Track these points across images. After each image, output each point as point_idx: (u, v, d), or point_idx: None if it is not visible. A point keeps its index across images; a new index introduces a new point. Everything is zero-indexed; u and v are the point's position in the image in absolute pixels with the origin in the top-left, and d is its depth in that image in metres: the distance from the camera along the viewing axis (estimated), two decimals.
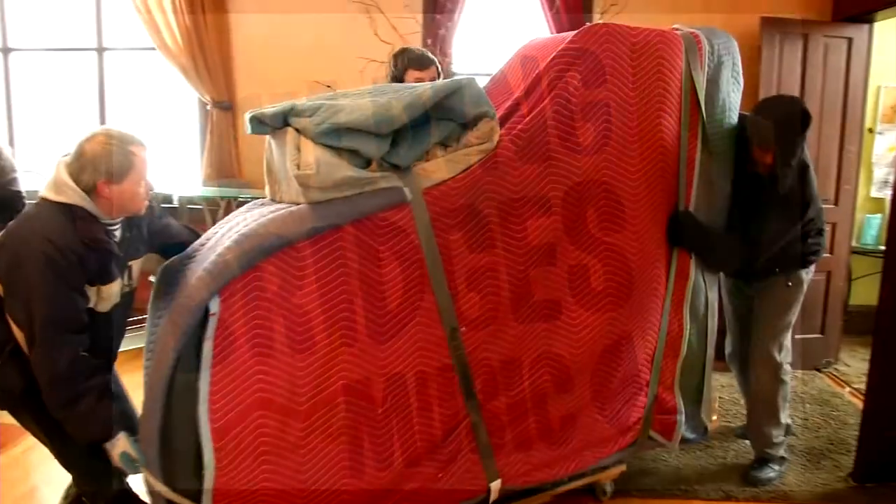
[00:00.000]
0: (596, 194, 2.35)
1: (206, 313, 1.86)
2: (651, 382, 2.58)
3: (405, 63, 2.91)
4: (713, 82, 2.50)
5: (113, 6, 4.50)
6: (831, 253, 4.17)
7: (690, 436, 2.73)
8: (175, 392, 1.87)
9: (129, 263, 2.09)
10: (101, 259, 1.93)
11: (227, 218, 2.21)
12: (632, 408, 2.57)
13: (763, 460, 2.92)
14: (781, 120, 2.53)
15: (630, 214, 2.40)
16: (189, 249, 2.13)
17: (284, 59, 4.33)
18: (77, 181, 1.90)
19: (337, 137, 1.97)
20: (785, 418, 2.94)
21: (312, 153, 1.96)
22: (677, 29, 2.49)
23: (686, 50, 2.42)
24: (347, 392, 2.00)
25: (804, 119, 2.58)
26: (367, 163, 2.04)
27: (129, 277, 2.10)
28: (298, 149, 1.98)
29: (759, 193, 2.62)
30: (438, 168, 2.10)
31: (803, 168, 2.66)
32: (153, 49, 4.35)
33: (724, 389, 3.75)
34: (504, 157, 2.16)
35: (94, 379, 1.92)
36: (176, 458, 1.91)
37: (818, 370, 4.23)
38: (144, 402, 1.91)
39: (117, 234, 2.02)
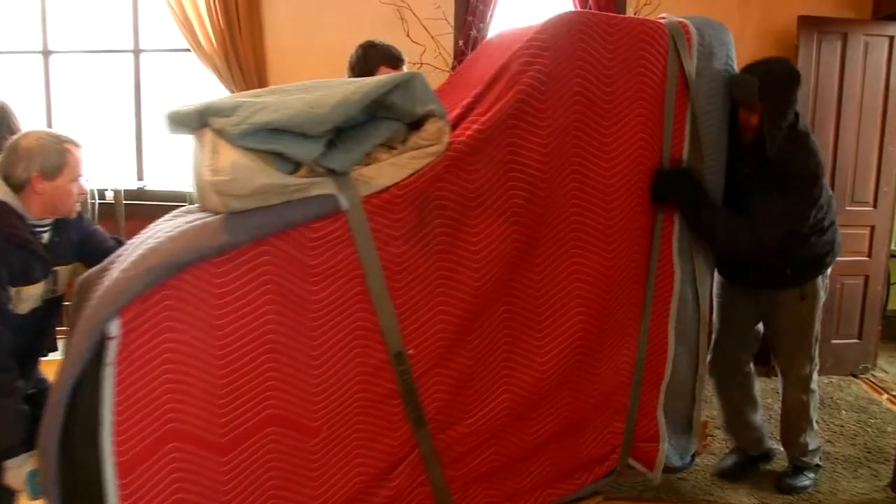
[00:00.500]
0: (565, 200, 2.14)
1: (105, 336, 1.64)
2: (630, 408, 2.40)
3: (378, 58, 2.63)
4: (702, 75, 2.30)
5: (149, 8, 4.56)
6: (869, 256, 4.09)
7: (677, 463, 2.54)
8: (77, 423, 1.65)
9: (56, 269, 2.01)
10: (24, 259, 1.89)
11: (149, 227, 1.97)
12: (608, 435, 2.39)
13: (798, 468, 2.86)
14: (766, 75, 2.37)
15: (604, 221, 2.21)
16: (105, 262, 1.92)
17: (316, 60, 4.36)
18: (8, 177, 1.88)
19: (259, 139, 1.75)
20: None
21: (229, 157, 1.71)
22: (663, 18, 2.32)
23: (673, 38, 2.22)
24: (276, 422, 1.79)
25: (792, 75, 2.44)
26: (297, 168, 1.83)
27: (55, 283, 2.02)
28: (215, 152, 1.74)
29: (757, 174, 2.44)
30: (380, 173, 1.87)
31: (804, 136, 2.49)
32: (188, 50, 4.40)
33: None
34: (457, 160, 1.94)
35: (19, 381, 1.85)
36: (82, 492, 1.68)
37: (855, 376, 4.14)
38: (40, 433, 1.69)
39: (45, 236, 1.99)
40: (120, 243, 2.11)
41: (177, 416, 1.68)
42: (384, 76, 1.92)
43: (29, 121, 3.64)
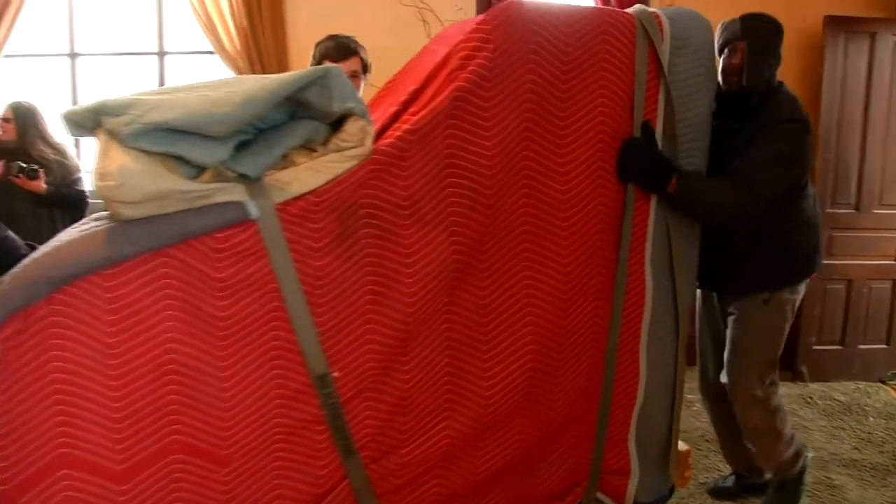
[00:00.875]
0: (515, 208, 1.92)
1: None
2: (597, 437, 2.18)
3: (322, 51, 2.44)
4: (678, 62, 2.09)
5: (174, 11, 4.61)
6: None
7: (650, 498, 2.29)
8: None
9: None
10: None
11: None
12: (570, 467, 2.18)
13: (780, 486, 2.65)
14: (747, 16, 2.39)
15: (561, 231, 1.99)
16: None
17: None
18: None
19: (155, 140, 1.57)
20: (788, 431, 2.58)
21: (118, 161, 1.53)
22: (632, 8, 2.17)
23: (642, 23, 2.03)
24: (181, 449, 1.62)
25: (776, 23, 2.41)
26: (201, 172, 1.65)
27: None
28: (106, 155, 1.57)
29: (742, 129, 2.31)
30: (295, 178, 1.69)
31: (787, 93, 2.41)
32: (212, 53, 4.44)
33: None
34: (385, 164, 1.74)
35: None
36: None
37: (883, 382, 4.07)
38: None
39: None
40: (33, 248, 1.98)
41: (68, 440, 1.51)
42: (298, 71, 1.79)
43: (57, 122, 3.69)
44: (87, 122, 1.61)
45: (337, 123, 1.76)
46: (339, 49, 2.47)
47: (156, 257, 1.56)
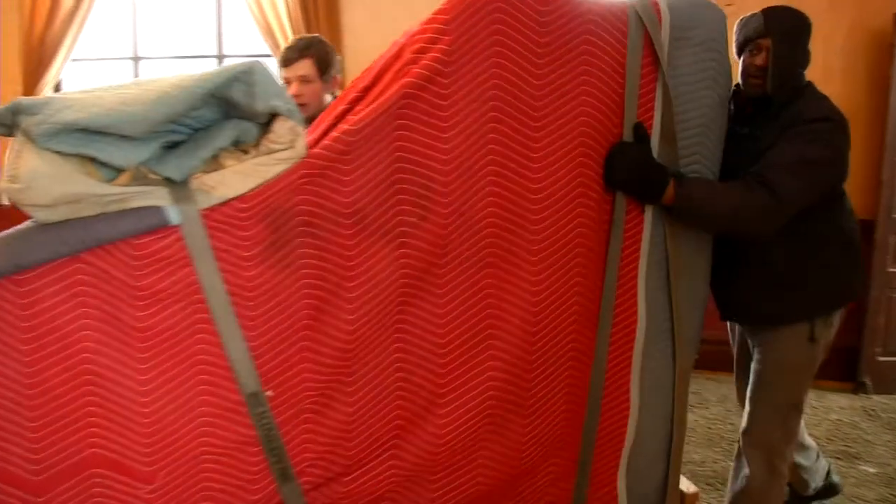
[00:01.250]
0: (477, 218, 1.72)
1: None
2: (578, 475, 1.95)
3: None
4: (680, 53, 1.86)
5: (232, 15, 4.71)
6: None
7: None
8: None
9: None
10: None
11: None
12: None
13: None
14: (772, 10, 2.02)
15: (532, 245, 1.78)
16: None
17: None
18: None
19: (69, 141, 1.49)
20: None
21: (29, 163, 1.47)
22: None
23: (636, 10, 1.81)
24: (100, 463, 1.54)
25: (804, 16, 2.04)
26: (121, 174, 1.56)
27: None
28: (18, 156, 1.51)
29: (763, 133, 2.00)
30: (222, 182, 1.57)
31: (819, 93, 2.06)
32: (270, 56, 4.51)
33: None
34: (321, 167, 1.59)
35: None
36: None
37: None
38: None
39: None
40: None
41: None
42: (221, 67, 1.67)
43: None
44: (6, 121, 1.55)
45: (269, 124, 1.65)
46: (284, 55, 2.30)
47: (70, 263, 1.49)
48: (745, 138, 2.01)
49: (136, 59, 4.80)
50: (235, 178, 1.58)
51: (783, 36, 1.98)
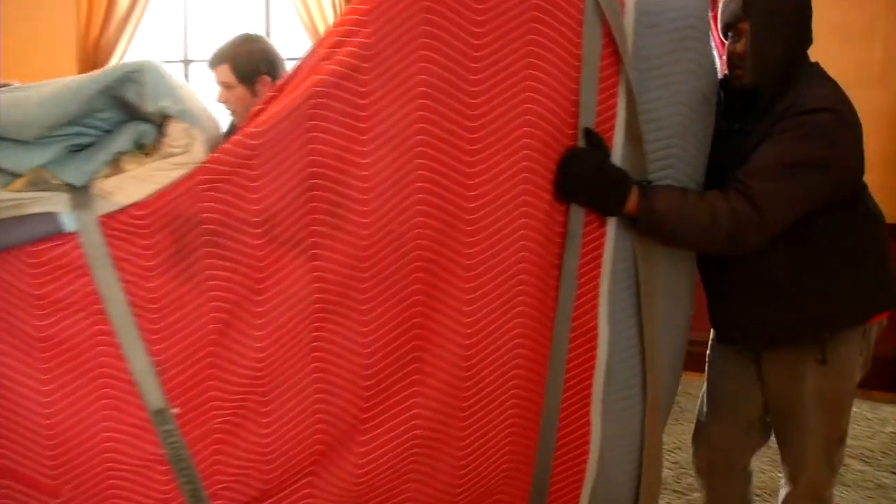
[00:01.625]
0: (402, 226, 1.56)
1: None
2: None
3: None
4: (648, 40, 1.62)
5: (280, 16, 4.78)
6: None
7: None
8: None
9: None
10: None
11: None
12: None
13: None
14: None
15: (468, 259, 1.61)
16: None
17: None
18: None
19: None
20: None
21: None
22: None
23: None
24: (5, 474, 1.51)
25: None
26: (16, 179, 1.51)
27: None
28: None
29: (753, 130, 1.69)
30: (119, 187, 1.49)
31: (820, 74, 1.72)
32: None
33: None
34: (223, 172, 1.49)
35: None
36: None
37: None
38: None
39: None
40: None
41: None
42: (113, 65, 1.60)
43: None
44: None
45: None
46: (210, 58, 2.18)
47: None
48: (735, 135, 1.72)
49: (187, 62, 4.90)
50: (132, 184, 1.50)
51: (764, 17, 1.66)
